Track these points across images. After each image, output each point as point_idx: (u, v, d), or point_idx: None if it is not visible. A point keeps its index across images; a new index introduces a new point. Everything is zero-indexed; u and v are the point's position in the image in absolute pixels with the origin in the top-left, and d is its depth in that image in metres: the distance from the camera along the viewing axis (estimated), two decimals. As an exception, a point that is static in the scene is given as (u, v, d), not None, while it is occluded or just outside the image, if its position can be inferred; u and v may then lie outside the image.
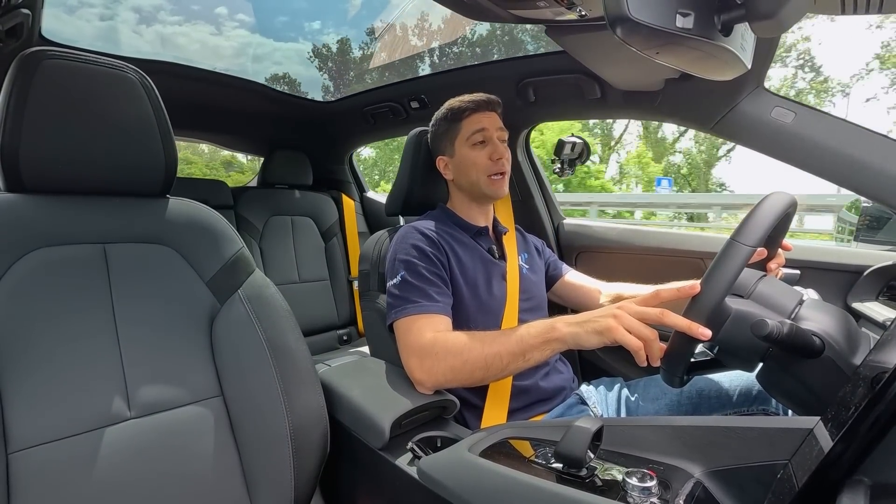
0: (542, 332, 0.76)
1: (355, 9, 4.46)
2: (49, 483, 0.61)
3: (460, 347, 0.81)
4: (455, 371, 0.81)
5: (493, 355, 0.79)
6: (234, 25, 4.15)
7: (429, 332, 0.85)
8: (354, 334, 2.21)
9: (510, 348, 0.78)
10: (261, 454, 0.75)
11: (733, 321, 0.64)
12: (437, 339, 0.84)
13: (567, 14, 0.87)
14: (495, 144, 1.02)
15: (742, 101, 1.02)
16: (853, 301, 1.04)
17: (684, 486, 0.54)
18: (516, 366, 0.79)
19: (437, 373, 0.82)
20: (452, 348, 0.82)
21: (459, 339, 0.83)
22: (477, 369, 0.80)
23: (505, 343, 0.79)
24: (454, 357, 0.81)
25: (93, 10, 3.69)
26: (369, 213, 2.45)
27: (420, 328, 0.86)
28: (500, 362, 0.78)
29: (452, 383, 0.84)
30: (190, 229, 0.80)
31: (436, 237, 0.98)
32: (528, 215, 1.58)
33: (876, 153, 0.89)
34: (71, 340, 0.67)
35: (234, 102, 1.96)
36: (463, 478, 0.62)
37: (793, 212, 0.74)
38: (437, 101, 1.10)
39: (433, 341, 0.84)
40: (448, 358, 0.81)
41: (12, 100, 0.66)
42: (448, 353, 0.82)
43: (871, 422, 0.34)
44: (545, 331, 0.76)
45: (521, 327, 0.80)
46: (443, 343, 0.83)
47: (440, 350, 0.82)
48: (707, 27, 0.52)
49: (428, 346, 0.84)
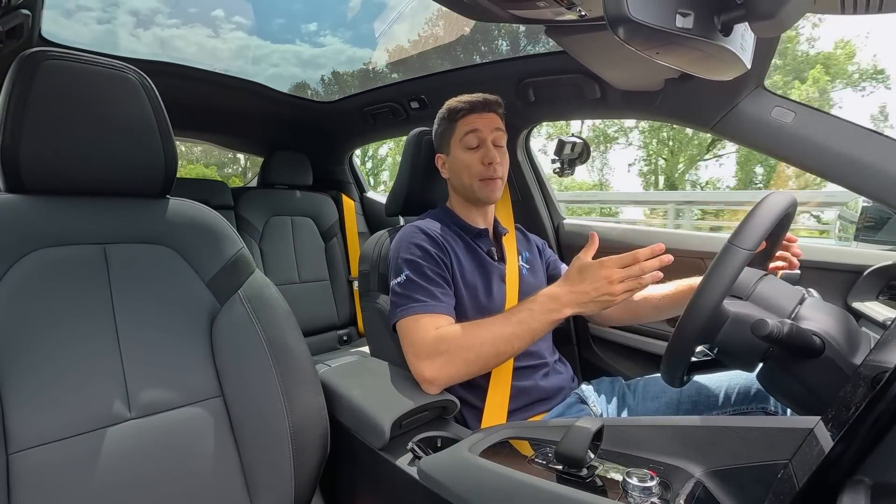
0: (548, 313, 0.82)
1: (353, 11, 4.49)
2: (49, 483, 0.61)
3: (471, 340, 0.83)
4: (469, 364, 0.83)
5: (503, 341, 0.82)
6: (231, 28, 4.18)
7: (434, 331, 0.86)
8: (354, 334, 2.21)
9: (517, 331, 0.82)
10: (261, 454, 0.75)
11: (733, 321, 0.64)
12: (445, 335, 0.84)
13: (567, 14, 0.87)
14: (488, 148, 1.01)
15: (742, 101, 1.02)
16: (853, 301, 1.04)
17: (685, 486, 0.54)
18: (524, 345, 0.84)
19: (452, 368, 0.83)
20: (463, 342, 0.83)
21: (467, 331, 0.84)
22: (491, 357, 0.83)
23: (511, 327, 0.82)
24: (467, 350, 0.82)
25: (91, 14, 3.72)
26: (369, 213, 2.45)
27: (426, 327, 0.86)
28: (511, 346, 0.83)
29: (465, 377, 0.85)
30: (190, 230, 0.80)
31: (439, 237, 0.98)
32: (528, 215, 1.58)
33: (876, 153, 0.89)
34: (71, 341, 0.67)
35: (234, 103, 1.96)
36: (463, 478, 0.62)
37: (793, 212, 0.74)
38: (438, 102, 1.10)
39: (440, 338, 0.84)
40: (461, 352, 0.82)
41: (12, 100, 0.66)
42: (460, 347, 0.83)
43: (872, 422, 0.34)
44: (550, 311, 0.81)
45: (524, 309, 0.84)
46: (452, 338, 0.84)
47: (452, 346, 0.83)
48: (707, 27, 0.52)
49: (437, 344, 0.84)
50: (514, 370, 0.96)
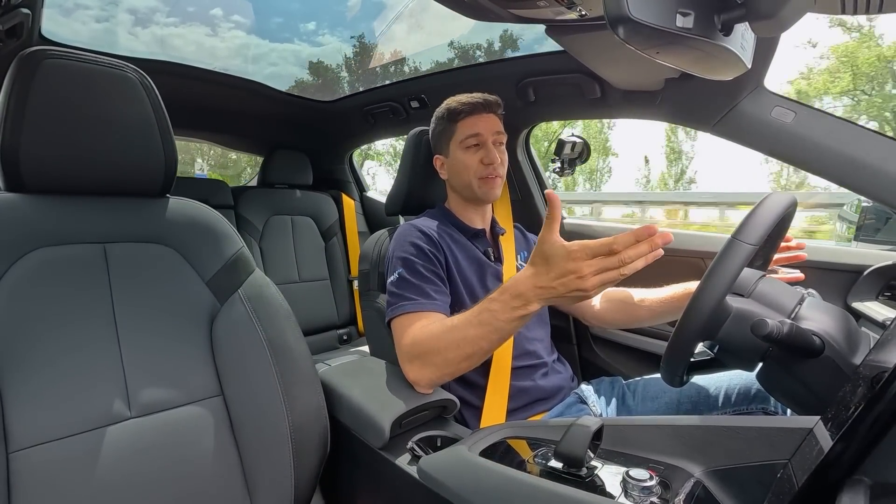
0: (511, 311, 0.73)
1: (352, 10, 4.47)
2: (49, 482, 0.61)
3: (437, 344, 0.80)
4: (441, 367, 0.80)
5: (469, 344, 0.77)
6: (229, 27, 4.17)
7: (411, 334, 0.84)
8: (354, 334, 2.21)
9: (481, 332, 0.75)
10: (261, 454, 0.75)
11: (733, 320, 0.64)
12: (418, 338, 0.83)
13: (567, 14, 0.87)
14: (489, 149, 1.01)
15: (742, 100, 1.02)
16: (853, 301, 1.04)
17: (684, 486, 0.54)
18: (494, 345, 0.78)
19: (428, 372, 0.82)
20: (432, 346, 0.81)
21: (436, 335, 0.81)
22: (462, 360, 0.78)
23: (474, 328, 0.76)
24: (435, 355, 0.80)
25: (89, 13, 3.71)
26: (369, 212, 2.45)
27: (409, 327, 0.86)
28: (479, 348, 0.77)
29: (445, 379, 0.83)
30: (190, 229, 0.80)
31: (435, 236, 0.98)
32: (528, 215, 1.58)
33: (876, 153, 0.90)
34: (71, 340, 0.67)
35: (234, 102, 1.96)
36: (463, 477, 0.62)
37: (793, 211, 0.74)
38: (438, 101, 1.10)
39: (414, 342, 0.83)
40: (431, 356, 0.81)
41: (12, 100, 0.66)
42: (430, 352, 0.81)
43: (871, 421, 0.34)
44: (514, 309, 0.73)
45: (485, 309, 0.75)
46: (423, 342, 0.82)
47: (423, 350, 0.82)
48: (707, 27, 0.52)
49: (411, 347, 0.83)
50: (513, 370, 0.96)
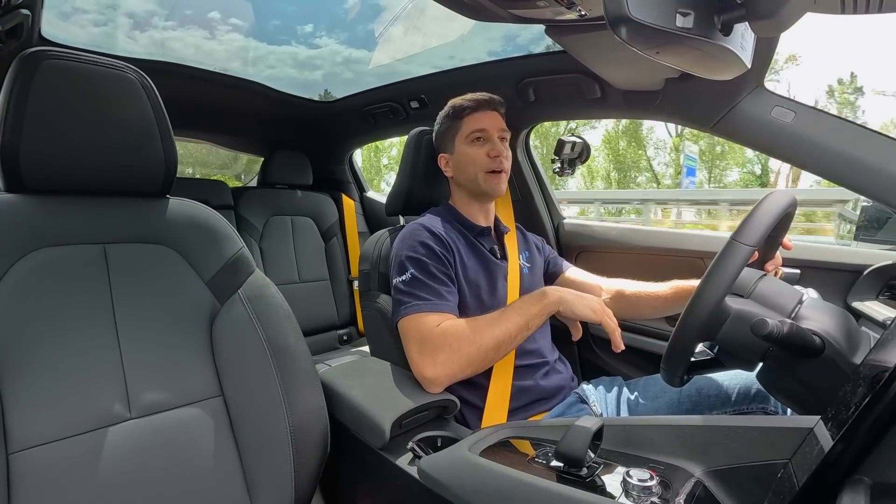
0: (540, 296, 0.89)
1: (350, 13, 4.46)
2: (49, 483, 0.61)
3: (472, 334, 0.84)
4: (471, 358, 0.84)
5: (503, 333, 0.85)
6: (227, 29, 4.17)
7: (437, 327, 0.86)
8: (354, 334, 2.21)
9: (517, 322, 0.86)
10: (261, 454, 0.75)
11: (733, 321, 0.64)
12: (447, 329, 0.85)
13: (567, 14, 0.87)
14: (494, 142, 1.03)
15: (742, 100, 1.02)
16: (853, 300, 1.05)
17: (684, 486, 0.54)
18: (522, 334, 0.87)
19: (454, 364, 0.83)
20: (465, 336, 0.84)
21: (468, 325, 0.86)
22: (491, 350, 0.84)
23: (510, 319, 0.86)
24: (468, 345, 0.83)
25: (87, 17, 3.69)
26: (369, 213, 2.45)
27: (430, 323, 0.86)
28: (509, 335, 0.85)
29: (466, 373, 0.86)
30: (190, 229, 0.80)
31: (443, 235, 0.98)
32: (528, 215, 1.58)
33: (876, 153, 0.89)
34: (71, 340, 0.67)
35: (234, 102, 1.96)
36: (463, 477, 0.62)
37: (793, 211, 0.74)
38: (437, 101, 1.11)
39: (443, 333, 0.85)
40: (463, 347, 0.83)
41: (12, 100, 0.66)
42: (462, 341, 0.84)
43: (872, 421, 0.34)
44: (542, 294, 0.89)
45: (517, 302, 0.90)
46: (454, 333, 0.84)
47: (454, 341, 0.84)
48: (707, 27, 0.52)
49: (440, 339, 0.84)
50: (515, 369, 0.96)
